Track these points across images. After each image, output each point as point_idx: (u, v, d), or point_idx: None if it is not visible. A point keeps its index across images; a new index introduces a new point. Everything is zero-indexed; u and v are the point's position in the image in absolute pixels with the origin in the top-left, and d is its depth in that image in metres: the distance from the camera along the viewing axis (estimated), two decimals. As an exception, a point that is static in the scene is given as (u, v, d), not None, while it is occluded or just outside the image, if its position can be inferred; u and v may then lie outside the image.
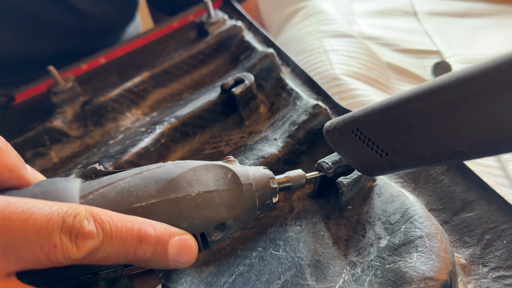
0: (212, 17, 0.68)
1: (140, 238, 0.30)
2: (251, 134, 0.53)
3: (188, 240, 0.32)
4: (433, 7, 0.93)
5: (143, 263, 0.31)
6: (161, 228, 0.31)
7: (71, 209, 0.28)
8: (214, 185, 0.35)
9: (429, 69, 0.76)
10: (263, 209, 0.37)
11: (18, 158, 0.34)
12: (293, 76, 0.58)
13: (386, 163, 0.31)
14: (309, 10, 0.87)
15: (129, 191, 0.33)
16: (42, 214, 0.27)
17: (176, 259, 0.32)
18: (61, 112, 0.59)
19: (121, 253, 0.30)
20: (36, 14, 0.73)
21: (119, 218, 0.30)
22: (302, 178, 0.39)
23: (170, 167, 0.35)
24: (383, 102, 0.30)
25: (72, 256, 0.28)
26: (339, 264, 0.36)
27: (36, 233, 0.27)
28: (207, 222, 0.34)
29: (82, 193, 0.33)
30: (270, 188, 0.37)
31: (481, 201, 0.37)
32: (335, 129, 0.36)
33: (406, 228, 0.34)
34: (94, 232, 0.28)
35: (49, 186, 0.33)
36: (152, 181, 0.34)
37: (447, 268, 0.30)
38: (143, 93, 0.62)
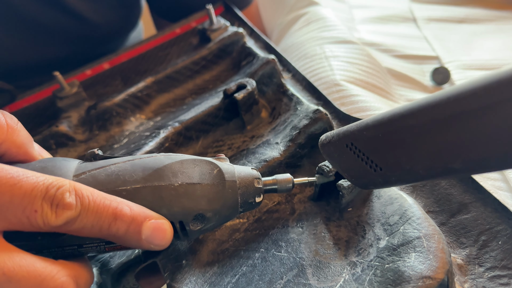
0: (214, 23, 0.69)
1: (116, 215, 0.33)
2: (253, 138, 0.54)
3: (163, 224, 0.35)
4: (432, 13, 0.94)
5: (117, 239, 0.34)
6: (137, 209, 0.34)
7: (56, 181, 0.31)
8: (198, 179, 0.37)
9: (428, 75, 0.77)
10: (245, 207, 0.39)
11: (27, 137, 0.38)
12: (294, 82, 0.59)
13: (380, 178, 0.32)
14: (310, 17, 0.88)
15: (118, 175, 0.36)
16: (29, 182, 0.30)
17: (150, 240, 0.34)
18: (67, 117, 0.61)
19: (96, 227, 0.32)
20: (40, 21, 0.74)
21: (99, 195, 0.33)
22: (289, 182, 0.40)
23: (159, 157, 0.37)
24: (376, 117, 0.30)
25: (51, 223, 0.30)
26: (340, 264, 0.37)
27: (21, 197, 0.30)
28: (186, 211, 0.36)
29: (76, 172, 0.36)
30: (254, 188, 0.39)
31: (477, 203, 0.38)
32: (330, 142, 0.36)
33: (405, 229, 0.35)
34: (73, 204, 0.31)
35: (49, 163, 0.36)
36: (140, 168, 0.36)
37: (444, 268, 0.31)
38: (147, 98, 0.63)
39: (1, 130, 0.35)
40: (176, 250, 0.43)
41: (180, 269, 0.41)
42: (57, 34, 0.78)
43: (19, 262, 0.30)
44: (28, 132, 0.38)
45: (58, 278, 0.31)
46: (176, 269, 0.41)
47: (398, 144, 0.29)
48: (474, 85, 0.22)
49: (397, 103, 0.70)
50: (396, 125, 0.28)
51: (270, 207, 0.46)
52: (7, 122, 0.35)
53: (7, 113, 0.36)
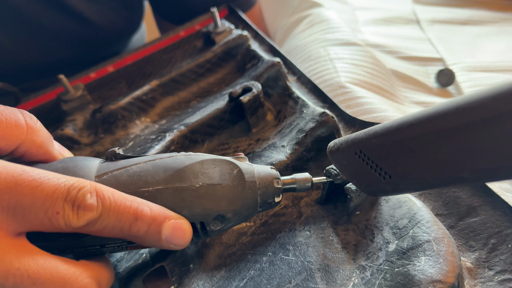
0: (219, 26, 0.69)
1: (136, 216, 0.33)
2: (259, 141, 0.54)
3: (182, 225, 0.35)
4: (436, 15, 0.94)
5: (138, 239, 0.34)
6: (157, 210, 0.34)
7: (77, 183, 0.31)
8: (219, 179, 0.37)
9: (432, 76, 0.77)
10: (264, 207, 0.39)
11: (47, 136, 0.38)
12: (299, 85, 0.59)
13: (389, 186, 0.32)
14: (314, 18, 0.88)
15: (139, 176, 0.36)
16: (50, 184, 0.30)
17: (169, 240, 0.35)
18: (72, 120, 0.60)
19: (117, 227, 0.33)
20: (44, 23, 0.74)
21: (119, 196, 0.33)
22: (307, 182, 0.41)
23: (180, 158, 0.38)
24: (385, 125, 0.30)
25: (72, 224, 0.31)
26: (349, 268, 0.37)
27: (43, 199, 0.30)
28: (207, 212, 0.36)
29: (98, 172, 0.36)
30: (273, 188, 0.39)
31: (485, 207, 0.38)
32: (338, 149, 0.36)
33: (414, 232, 0.35)
34: (94, 205, 0.31)
35: (71, 163, 0.36)
36: (161, 169, 0.36)
37: (455, 271, 0.31)
38: (152, 101, 0.63)
39: (21, 130, 0.35)
40: (183, 254, 0.42)
41: (188, 273, 0.41)
42: (61, 36, 0.78)
43: (42, 265, 0.30)
44: (48, 131, 0.38)
45: (81, 280, 0.32)
46: (183, 273, 0.41)
47: (407, 153, 0.28)
48: (482, 96, 0.22)
49: (402, 104, 0.70)
50: (404, 133, 0.28)
51: (277, 211, 0.46)
52: (27, 122, 0.35)
53: (26, 113, 0.36)
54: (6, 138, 0.34)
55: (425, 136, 0.26)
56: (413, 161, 0.28)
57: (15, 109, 0.36)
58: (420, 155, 0.27)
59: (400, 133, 0.28)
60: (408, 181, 0.30)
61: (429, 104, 0.72)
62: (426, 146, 0.27)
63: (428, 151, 0.27)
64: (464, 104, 0.23)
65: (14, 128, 0.34)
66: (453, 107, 0.24)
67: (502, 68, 0.75)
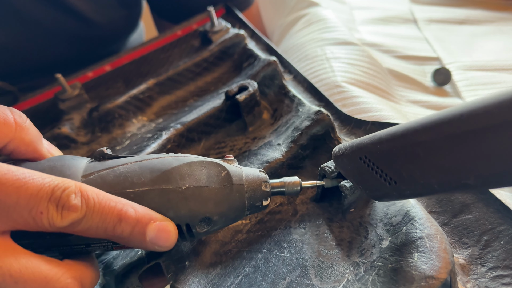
0: (216, 25, 0.70)
1: (120, 217, 0.33)
2: (255, 139, 0.54)
3: (167, 226, 0.35)
4: (433, 15, 0.94)
5: (122, 240, 0.34)
6: (142, 211, 0.34)
7: (62, 183, 0.32)
8: (206, 181, 0.37)
9: (429, 76, 0.77)
10: (251, 210, 0.39)
11: (36, 134, 0.38)
12: (295, 83, 0.60)
13: (395, 191, 0.32)
14: (311, 18, 0.88)
15: (126, 176, 0.36)
16: (35, 184, 0.31)
17: (154, 242, 0.35)
18: (69, 119, 0.61)
19: (101, 228, 0.33)
20: (42, 22, 0.74)
21: (104, 197, 0.33)
22: (296, 185, 0.40)
23: (167, 159, 0.37)
24: (390, 131, 0.30)
25: (56, 224, 0.31)
26: (343, 264, 0.38)
27: (27, 199, 0.30)
28: (193, 214, 0.36)
29: (85, 172, 0.36)
30: (261, 191, 0.39)
31: (479, 204, 0.39)
32: (343, 154, 0.36)
33: (407, 229, 0.35)
34: (79, 206, 0.31)
35: (58, 162, 0.37)
36: (148, 170, 0.36)
37: (447, 268, 0.31)
38: (149, 100, 0.63)
39: (10, 128, 0.35)
40: (179, 251, 0.43)
41: (183, 270, 0.41)
42: (59, 35, 0.78)
43: (25, 264, 0.30)
44: (37, 130, 0.38)
45: (63, 280, 0.32)
46: (179, 270, 0.41)
47: (412, 159, 0.28)
48: (486, 103, 0.22)
49: (398, 103, 0.70)
50: (409, 140, 0.28)
51: (273, 208, 0.46)
52: (16, 120, 0.36)
53: (16, 111, 0.37)
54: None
55: (430, 142, 0.26)
56: (418, 167, 0.28)
57: (4, 107, 0.36)
58: (425, 161, 0.27)
59: (405, 139, 0.28)
60: (413, 187, 0.30)
61: (426, 103, 0.72)
62: (431, 152, 0.27)
63: (433, 158, 0.27)
64: (469, 111, 0.23)
65: (3, 126, 0.35)
66: (458, 114, 0.24)
67: (498, 67, 0.76)
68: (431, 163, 0.27)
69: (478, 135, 0.23)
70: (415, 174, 0.29)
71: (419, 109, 0.70)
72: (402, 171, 0.30)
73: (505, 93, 0.21)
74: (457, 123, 0.24)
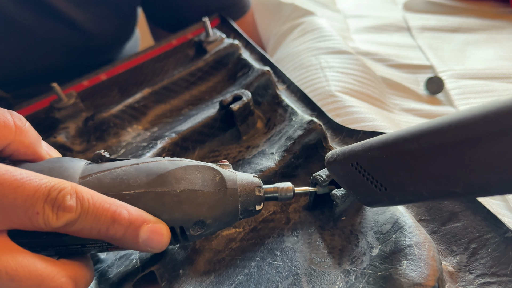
0: (210, 35, 0.70)
1: (114, 218, 0.34)
2: (249, 148, 0.54)
3: (160, 229, 0.36)
4: (426, 23, 0.95)
5: (115, 241, 0.35)
6: (135, 213, 0.35)
7: (58, 184, 0.32)
8: (201, 185, 0.37)
9: (422, 84, 0.78)
10: (245, 214, 0.40)
11: (35, 137, 0.39)
12: (289, 93, 0.60)
13: (385, 197, 0.32)
14: (306, 27, 0.89)
15: (122, 179, 0.37)
16: (32, 184, 0.31)
17: (146, 243, 0.35)
18: (64, 128, 0.61)
19: (94, 229, 0.34)
20: (37, 31, 0.75)
21: (99, 199, 0.34)
22: (289, 191, 0.41)
23: (164, 163, 0.38)
24: (381, 139, 0.31)
25: (52, 224, 0.32)
26: (334, 272, 0.38)
27: (23, 199, 0.31)
28: (187, 217, 0.37)
29: (82, 174, 0.37)
30: (254, 196, 0.39)
31: (467, 212, 0.39)
32: (336, 161, 0.37)
33: (396, 237, 0.36)
34: (74, 207, 0.32)
35: (57, 164, 0.37)
36: (144, 173, 0.37)
37: (435, 275, 0.32)
38: (144, 109, 0.64)
39: (10, 131, 0.36)
40: (173, 259, 0.43)
41: (177, 279, 0.42)
42: (54, 44, 0.78)
43: (21, 262, 0.31)
44: (36, 132, 0.39)
45: (57, 279, 0.32)
46: (173, 279, 0.42)
47: (401, 166, 0.29)
48: (474, 114, 0.23)
49: (392, 112, 0.71)
50: (399, 148, 0.29)
51: (266, 217, 0.47)
52: (15, 123, 0.36)
53: (15, 114, 0.37)
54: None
55: (419, 151, 0.27)
56: (407, 174, 0.29)
57: (4, 110, 0.37)
58: (415, 169, 0.28)
59: (395, 147, 0.29)
60: (403, 194, 0.31)
61: (418, 111, 0.73)
62: (420, 160, 0.27)
63: (422, 166, 0.27)
64: (457, 122, 0.24)
65: (3, 128, 0.35)
66: (446, 124, 0.24)
67: (490, 76, 0.76)
68: (420, 171, 0.28)
69: (466, 145, 0.23)
70: (405, 181, 0.29)
71: (412, 117, 0.71)
72: (392, 178, 0.31)
73: (492, 104, 0.22)
74: (445, 133, 0.24)
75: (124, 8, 0.83)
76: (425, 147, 0.26)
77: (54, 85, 0.61)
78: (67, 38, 0.78)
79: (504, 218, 0.49)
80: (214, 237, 0.45)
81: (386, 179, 0.31)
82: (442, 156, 0.25)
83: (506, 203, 0.52)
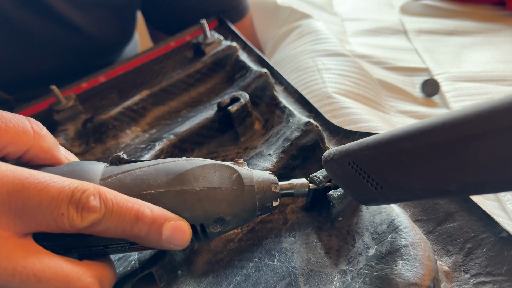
0: (208, 37, 0.71)
1: (138, 217, 0.34)
2: (247, 149, 0.55)
3: (182, 226, 0.36)
4: (422, 26, 0.96)
5: (139, 240, 0.36)
6: (158, 211, 0.36)
7: (81, 186, 0.33)
8: (219, 183, 0.38)
9: (418, 87, 0.79)
10: (262, 211, 0.40)
11: (53, 142, 0.40)
12: (286, 94, 0.61)
13: (380, 196, 0.33)
14: (303, 29, 0.90)
15: (143, 179, 0.37)
16: (56, 187, 0.32)
17: (169, 241, 0.36)
18: (63, 130, 0.62)
19: (119, 228, 0.34)
20: (37, 34, 0.75)
21: (122, 198, 0.34)
22: (304, 187, 0.42)
23: (182, 162, 0.39)
24: (376, 138, 0.31)
25: (77, 225, 0.32)
26: (331, 272, 0.39)
27: (48, 201, 0.31)
28: (207, 215, 0.37)
29: (103, 176, 0.38)
30: (271, 192, 0.40)
31: (462, 212, 0.40)
32: (332, 160, 0.37)
33: (392, 237, 0.36)
34: (98, 207, 0.33)
35: (77, 167, 0.38)
36: (164, 172, 0.38)
37: (430, 275, 0.33)
38: (143, 111, 0.64)
39: (28, 137, 0.37)
40: (172, 260, 0.44)
41: (176, 280, 0.42)
42: (54, 47, 0.79)
43: (47, 264, 0.31)
44: (54, 137, 0.40)
45: (84, 279, 0.33)
46: (171, 280, 0.42)
47: (396, 165, 0.29)
48: (467, 113, 0.23)
49: (388, 114, 0.71)
50: (394, 147, 0.29)
51: (264, 218, 0.47)
52: (34, 129, 0.37)
53: (33, 120, 0.38)
54: (15, 143, 0.36)
55: (414, 150, 0.27)
56: (402, 173, 0.29)
57: (22, 117, 0.37)
58: (410, 168, 0.28)
59: (391, 146, 0.29)
60: (398, 192, 0.31)
61: (414, 113, 0.73)
62: (414, 159, 0.28)
63: (417, 164, 0.28)
64: (451, 121, 0.24)
65: (22, 134, 0.36)
66: (440, 123, 0.24)
67: (485, 78, 0.77)
68: (415, 170, 0.28)
69: (459, 144, 0.24)
70: (400, 180, 0.30)
71: (408, 119, 0.71)
72: (387, 176, 0.31)
73: (485, 103, 0.22)
74: (439, 132, 0.25)
75: (124, 11, 0.84)
76: (419, 146, 0.27)
77: (53, 87, 0.62)
78: (68, 40, 0.78)
79: (499, 218, 0.50)
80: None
81: (382, 178, 0.32)
82: (436, 154, 0.25)
83: (501, 203, 0.53)
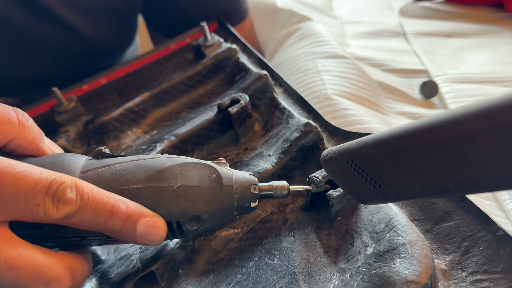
0: (209, 40, 0.71)
1: (112, 212, 0.35)
2: (247, 150, 0.55)
3: (157, 222, 0.37)
4: (421, 28, 0.96)
5: (113, 234, 0.36)
6: (133, 207, 0.36)
7: (59, 178, 0.33)
8: (197, 182, 0.38)
9: (417, 88, 0.79)
10: (240, 211, 0.41)
11: (38, 133, 0.40)
12: (286, 96, 0.61)
13: (379, 194, 0.33)
14: (304, 32, 0.90)
15: (121, 174, 0.38)
16: (33, 178, 0.32)
17: (144, 236, 0.36)
18: (65, 131, 0.62)
19: (93, 221, 0.35)
20: (39, 38, 0.75)
21: (98, 192, 0.35)
22: (284, 189, 0.42)
23: (162, 159, 0.39)
24: (375, 136, 0.31)
25: (52, 216, 0.33)
26: (330, 271, 0.39)
27: (25, 191, 0.32)
28: (184, 212, 0.38)
29: (83, 168, 0.38)
30: (250, 193, 0.40)
31: (459, 211, 0.40)
32: (331, 158, 0.37)
33: (390, 236, 0.37)
34: (73, 199, 0.33)
35: (59, 159, 0.38)
36: (143, 168, 0.38)
37: (428, 272, 0.33)
38: (143, 113, 0.65)
39: (13, 127, 0.37)
40: (173, 260, 0.44)
41: (177, 279, 0.42)
42: (56, 51, 0.79)
43: (20, 253, 0.32)
44: (39, 128, 0.40)
45: (55, 270, 0.34)
46: (173, 279, 0.42)
47: (395, 164, 0.30)
48: (465, 111, 0.23)
49: (387, 115, 0.72)
50: (392, 145, 0.29)
51: (264, 217, 0.48)
52: (19, 119, 0.38)
53: (19, 110, 0.39)
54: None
55: (412, 148, 0.27)
56: (401, 171, 0.29)
57: (8, 107, 0.38)
58: (407, 166, 0.28)
59: (389, 144, 0.30)
60: (396, 190, 0.31)
61: (413, 114, 0.74)
62: (413, 157, 0.28)
63: (415, 163, 0.28)
64: (449, 119, 0.24)
65: (7, 124, 0.37)
66: (438, 122, 0.25)
67: (484, 80, 0.78)
68: (413, 168, 0.28)
69: (456, 142, 0.24)
70: (398, 178, 0.30)
71: (407, 120, 0.72)
72: (386, 175, 0.31)
73: (483, 102, 0.22)
74: (437, 130, 0.25)
75: (125, 16, 0.84)
76: (418, 145, 0.27)
77: (54, 89, 0.62)
78: (68, 44, 0.79)
79: (497, 218, 0.50)
80: (213, 238, 0.46)
81: (380, 176, 0.32)
82: (434, 152, 0.26)
83: (499, 203, 0.53)
